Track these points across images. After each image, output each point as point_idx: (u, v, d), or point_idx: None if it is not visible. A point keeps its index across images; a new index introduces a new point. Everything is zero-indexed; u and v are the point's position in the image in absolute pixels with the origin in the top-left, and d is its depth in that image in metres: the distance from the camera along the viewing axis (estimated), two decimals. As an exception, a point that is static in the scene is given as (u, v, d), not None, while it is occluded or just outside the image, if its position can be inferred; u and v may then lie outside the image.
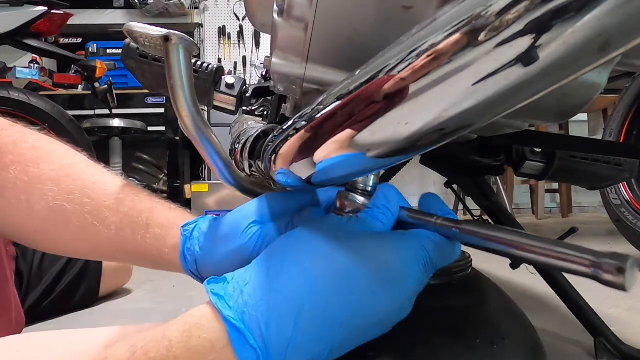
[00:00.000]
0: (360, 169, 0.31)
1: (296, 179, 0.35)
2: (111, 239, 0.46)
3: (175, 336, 0.32)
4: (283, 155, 0.36)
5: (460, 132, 0.23)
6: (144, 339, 0.33)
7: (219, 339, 0.31)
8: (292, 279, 0.31)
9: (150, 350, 0.32)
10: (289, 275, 0.32)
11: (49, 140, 0.50)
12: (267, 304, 0.31)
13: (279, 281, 0.32)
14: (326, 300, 0.31)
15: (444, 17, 0.21)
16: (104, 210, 0.45)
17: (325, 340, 0.31)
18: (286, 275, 0.32)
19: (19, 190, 0.46)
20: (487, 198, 0.70)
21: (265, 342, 0.30)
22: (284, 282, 0.31)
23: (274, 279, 0.32)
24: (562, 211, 3.22)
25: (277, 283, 0.31)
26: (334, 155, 0.29)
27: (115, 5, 3.63)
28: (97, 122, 2.73)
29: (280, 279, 0.32)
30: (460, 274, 0.53)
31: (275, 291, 0.31)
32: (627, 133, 1.38)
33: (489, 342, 0.45)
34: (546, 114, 0.45)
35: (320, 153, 0.30)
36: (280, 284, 0.31)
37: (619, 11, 0.16)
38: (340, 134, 0.28)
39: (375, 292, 0.32)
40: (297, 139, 0.33)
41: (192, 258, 0.44)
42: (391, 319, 0.34)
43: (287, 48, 0.44)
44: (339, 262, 0.32)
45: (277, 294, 0.31)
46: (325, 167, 0.31)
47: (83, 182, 0.46)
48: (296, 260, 0.32)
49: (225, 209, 2.60)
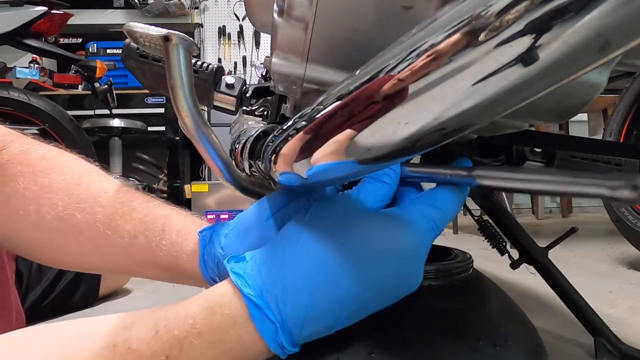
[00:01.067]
0: (356, 172, 0.31)
1: (297, 179, 0.35)
2: (124, 248, 0.44)
3: (198, 314, 0.34)
4: (284, 156, 0.36)
5: (460, 132, 0.23)
6: (164, 318, 0.34)
7: (241, 315, 0.33)
8: (305, 259, 0.34)
9: (173, 328, 0.33)
10: (302, 255, 0.34)
11: (59, 152, 0.49)
12: (283, 282, 0.33)
13: (293, 261, 0.34)
14: (336, 278, 0.33)
15: (444, 17, 0.21)
16: (117, 218, 0.44)
17: (336, 312, 0.34)
18: (299, 256, 0.34)
19: (27, 200, 0.45)
20: (487, 198, 0.70)
21: (283, 316, 0.33)
22: (297, 262, 0.34)
23: (289, 259, 0.34)
24: (562, 211, 3.22)
25: (291, 263, 0.34)
26: (331, 159, 0.29)
27: (115, 5, 3.63)
28: (97, 122, 2.73)
29: (295, 259, 0.34)
30: (462, 274, 0.53)
31: (291, 271, 0.34)
32: (627, 133, 1.38)
33: (491, 344, 0.45)
34: (546, 114, 0.45)
35: (318, 155, 0.30)
36: (295, 263, 0.34)
37: (619, 11, 0.16)
38: (339, 135, 0.28)
39: (383, 269, 0.34)
40: (296, 140, 0.33)
41: (214, 261, 0.43)
42: (400, 291, 0.36)
43: (287, 48, 0.44)
44: (346, 243, 0.34)
45: (292, 273, 0.34)
46: (323, 170, 0.31)
47: (94, 190, 0.45)
48: (308, 241, 0.35)
49: (225, 209, 2.60)
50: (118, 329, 0.34)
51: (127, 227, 0.44)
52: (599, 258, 1.46)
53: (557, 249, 0.67)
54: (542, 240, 0.67)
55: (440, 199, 0.38)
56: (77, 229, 0.44)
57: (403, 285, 0.36)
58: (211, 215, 2.59)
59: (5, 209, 0.45)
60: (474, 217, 0.72)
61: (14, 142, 0.47)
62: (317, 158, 0.30)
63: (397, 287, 0.36)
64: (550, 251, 0.67)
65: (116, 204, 0.45)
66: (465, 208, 0.85)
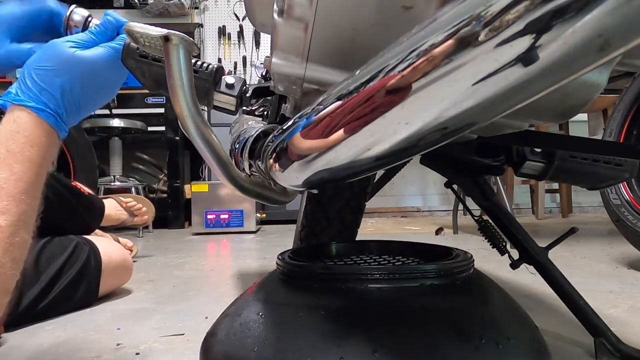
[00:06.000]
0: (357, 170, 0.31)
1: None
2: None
3: (6, 138, 0.49)
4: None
5: (460, 132, 0.23)
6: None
7: (32, 115, 0.50)
8: (58, 76, 0.51)
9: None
10: (55, 73, 0.51)
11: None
12: (48, 92, 0.51)
13: (49, 78, 0.51)
14: (73, 88, 0.53)
15: (444, 17, 0.21)
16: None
17: (82, 105, 0.54)
18: (53, 73, 0.51)
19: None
20: (487, 198, 0.69)
21: (55, 111, 0.51)
22: (52, 79, 0.51)
23: (47, 76, 0.51)
24: (562, 211, 3.22)
25: (47, 80, 0.51)
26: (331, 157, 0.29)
27: (115, 5, 3.62)
28: (97, 122, 2.73)
29: (50, 76, 0.51)
30: (463, 274, 0.53)
31: (49, 84, 0.51)
32: (627, 133, 1.38)
33: (495, 343, 0.45)
34: (546, 114, 0.45)
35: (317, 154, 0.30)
36: (50, 80, 0.51)
37: (619, 11, 0.16)
38: (339, 133, 0.28)
39: (98, 81, 0.55)
40: (292, 141, 0.33)
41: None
42: (114, 88, 0.58)
43: (287, 48, 0.44)
44: (77, 67, 0.53)
45: (51, 86, 0.51)
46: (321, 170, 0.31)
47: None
48: (54, 67, 0.52)
49: (226, 209, 2.60)
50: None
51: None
52: (599, 258, 1.46)
53: (557, 249, 0.67)
54: (542, 240, 0.67)
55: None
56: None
57: (115, 83, 0.58)
58: (211, 215, 2.59)
59: None
60: (474, 217, 0.72)
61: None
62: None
63: (110, 86, 0.57)
64: (550, 251, 0.67)
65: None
66: (465, 208, 0.85)
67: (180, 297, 1.09)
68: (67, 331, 0.84)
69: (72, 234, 1.05)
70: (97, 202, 1.48)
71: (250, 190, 0.51)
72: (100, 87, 0.56)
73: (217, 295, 1.10)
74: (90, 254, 1.02)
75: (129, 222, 1.78)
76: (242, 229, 2.60)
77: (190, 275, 1.33)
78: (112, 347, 0.74)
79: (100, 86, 0.56)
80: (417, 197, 3.74)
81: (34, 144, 0.50)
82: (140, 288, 1.20)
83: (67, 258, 0.98)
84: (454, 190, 0.80)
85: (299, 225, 1.08)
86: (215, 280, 1.27)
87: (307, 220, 1.04)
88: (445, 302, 0.48)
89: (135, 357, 0.70)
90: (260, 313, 0.54)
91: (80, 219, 1.25)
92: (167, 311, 0.97)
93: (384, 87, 0.24)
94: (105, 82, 0.56)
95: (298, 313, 0.50)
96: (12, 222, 0.47)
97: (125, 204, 1.75)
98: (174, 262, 1.60)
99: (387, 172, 0.96)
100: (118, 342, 0.76)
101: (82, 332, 0.83)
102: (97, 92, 0.56)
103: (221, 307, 0.65)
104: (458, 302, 0.49)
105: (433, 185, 3.68)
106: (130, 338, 0.79)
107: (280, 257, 0.62)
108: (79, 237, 1.05)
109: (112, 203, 1.71)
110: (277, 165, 0.40)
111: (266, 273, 0.66)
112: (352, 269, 0.55)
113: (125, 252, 1.16)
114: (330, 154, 0.30)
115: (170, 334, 0.80)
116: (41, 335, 0.82)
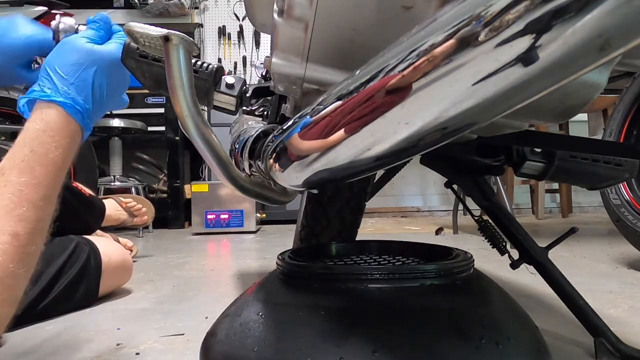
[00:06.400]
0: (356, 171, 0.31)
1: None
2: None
3: (32, 137, 0.49)
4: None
5: (460, 132, 0.23)
6: (11, 156, 0.47)
7: (60, 112, 0.50)
8: (86, 69, 0.52)
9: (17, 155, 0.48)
10: (82, 67, 0.52)
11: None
12: (76, 86, 0.52)
13: (77, 72, 0.52)
14: (100, 81, 0.54)
15: (444, 17, 0.21)
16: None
17: (106, 100, 0.55)
18: (81, 67, 0.52)
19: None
20: (487, 198, 0.69)
21: (82, 107, 0.52)
22: (81, 73, 0.52)
23: (75, 70, 0.52)
24: (562, 211, 3.22)
25: (76, 74, 0.52)
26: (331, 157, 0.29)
27: (115, 5, 3.62)
28: (97, 122, 2.73)
29: (78, 70, 0.52)
30: (463, 274, 0.53)
31: (78, 78, 0.52)
32: (627, 133, 1.37)
33: (495, 343, 0.45)
34: (546, 114, 0.45)
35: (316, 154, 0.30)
36: (78, 74, 0.52)
37: (619, 11, 0.16)
38: (339, 133, 0.28)
39: (116, 77, 0.56)
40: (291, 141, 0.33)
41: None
42: (127, 83, 0.59)
43: (287, 48, 0.44)
44: (100, 60, 0.54)
45: (80, 80, 0.52)
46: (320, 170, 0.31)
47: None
48: (79, 61, 0.53)
49: (226, 209, 2.60)
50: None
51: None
52: (599, 258, 1.46)
53: (557, 249, 0.67)
54: (542, 240, 0.67)
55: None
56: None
57: (124, 81, 0.59)
58: (211, 215, 2.59)
59: None
60: (474, 217, 0.72)
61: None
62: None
63: (123, 84, 0.59)
64: (550, 251, 0.67)
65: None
66: (465, 208, 0.85)
67: (180, 297, 1.09)
68: (67, 331, 0.84)
69: (72, 235, 1.05)
70: (98, 202, 1.48)
71: (250, 190, 0.51)
72: (119, 81, 0.57)
73: (217, 295, 1.10)
74: (90, 254, 1.02)
75: (128, 222, 1.78)
76: (242, 229, 2.60)
77: (190, 275, 1.33)
78: (112, 347, 0.74)
79: (119, 80, 0.57)
80: (417, 197, 3.74)
81: (58, 146, 0.49)
82: (140, 288, 1.19)
83: (67, 258, 0.98)
84: (454, 190, 0.80)
85: (299, 225, 1.08)
86: (215, 280, 1.27)
87: (307, 220, 1.04)
88: (445, 302, 0.48)
89: (135, 357, 0.70)
90: (260, 313, 0.54)
91: (81, 220, 1.25)
92: (167, 311, 0.97)
93: (384, 87, 0.24)
94: (121, 76, 0.57)
95: (298, 313, 0.50)
96: (30, 230, 0.45)
97: (125, 204, 1.75)
98: (174, 262, 1.60)
99: (387, 172, 0.96)
100: (118, 342, 0.77)
101: (82, 332, 0.83)
102: (118, 86, 0.57)
103: (221, 307, 0.65)
104: (458, 302, 0.49)
105: (433, 185, 3.68)
106: (130, 338, 0.79)
107: (280, 257, 0.62)
108: (79, 237, 1.05)
109: (112, 203, 1.71)
110: (277, 165, 0.40)
111: (266, 273, 0.66)
112: (352, 269, 0.55)
113: (125, 252, 1.16)
114: (330, 154, 0.30)
115: (170, 334, 0.80)
116: (41, 335, 0.82)
